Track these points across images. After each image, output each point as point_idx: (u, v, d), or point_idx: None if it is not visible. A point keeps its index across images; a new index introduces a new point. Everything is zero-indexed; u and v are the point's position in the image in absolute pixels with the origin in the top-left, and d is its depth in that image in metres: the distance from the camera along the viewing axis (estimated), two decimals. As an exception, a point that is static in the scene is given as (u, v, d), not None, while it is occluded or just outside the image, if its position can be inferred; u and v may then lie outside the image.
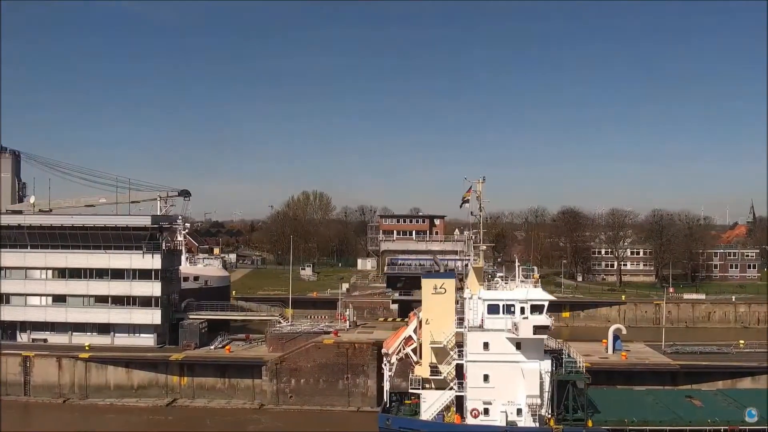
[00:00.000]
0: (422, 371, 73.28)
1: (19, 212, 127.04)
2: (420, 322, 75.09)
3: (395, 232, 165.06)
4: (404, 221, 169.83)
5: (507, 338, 69.44)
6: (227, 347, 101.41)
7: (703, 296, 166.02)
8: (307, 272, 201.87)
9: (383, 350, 77.26)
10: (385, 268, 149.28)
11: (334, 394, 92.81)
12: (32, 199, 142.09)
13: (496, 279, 73.67)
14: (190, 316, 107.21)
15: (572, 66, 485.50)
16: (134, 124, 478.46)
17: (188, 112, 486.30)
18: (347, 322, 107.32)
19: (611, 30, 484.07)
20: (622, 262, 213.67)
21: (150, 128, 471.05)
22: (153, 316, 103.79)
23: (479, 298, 71.30)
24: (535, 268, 77.87)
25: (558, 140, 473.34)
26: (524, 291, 70.66)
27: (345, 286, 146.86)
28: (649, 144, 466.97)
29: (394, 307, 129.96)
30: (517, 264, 73.99)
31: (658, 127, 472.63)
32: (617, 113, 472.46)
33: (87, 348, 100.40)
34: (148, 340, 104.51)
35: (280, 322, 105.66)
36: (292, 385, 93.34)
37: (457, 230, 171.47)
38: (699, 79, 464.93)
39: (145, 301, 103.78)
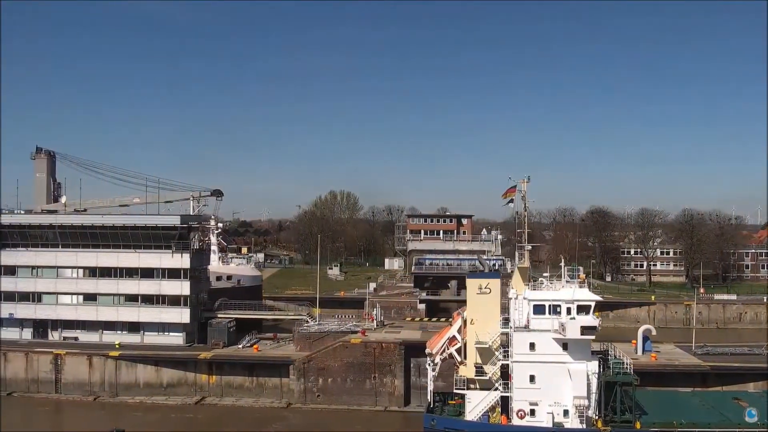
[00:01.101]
0: (467, 371, 72.93)
1: (54, 212, 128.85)
2: (464, 322, 74.84)
3: (422, 231, 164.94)
4: (431, 221, 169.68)
5: (554, 339, 69.06)
6: (255, 346, 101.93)
7: (734, 297, 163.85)
8: (334, 272, 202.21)
9: (427, 350, 76.74)
10: (413, 267, 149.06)
11: (361, 393, 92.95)
12: (63, 199, 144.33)
13: (540, 279, 73.15)
14: (218, 315, 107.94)
15: (604, 65, 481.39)
16: (161, 124, 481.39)
17: (215, 112, 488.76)
18: (374, 321, 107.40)
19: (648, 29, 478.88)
20: (652, 262, 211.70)
21: (177, 128, 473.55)
22: (182, 314, 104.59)
23: (524, 298, 70.95)
24: (581, 268, 76.83)
25: (586, 140, 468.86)
26: (570, 291, 70.09)
27: (372, 285, 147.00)
28: (678, 143, 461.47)
29: (422, 306, 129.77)
30: (562, 264, 72.99)
31: (687, 126, 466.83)
32: (644, 113, 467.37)
33: (117, 346, 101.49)
34: (177, 338, 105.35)
35: (307, 322, 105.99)
36: (319, 384, 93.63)
37: (484, 230, 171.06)
38: (734, 78, 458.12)
39: (174, 300, 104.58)
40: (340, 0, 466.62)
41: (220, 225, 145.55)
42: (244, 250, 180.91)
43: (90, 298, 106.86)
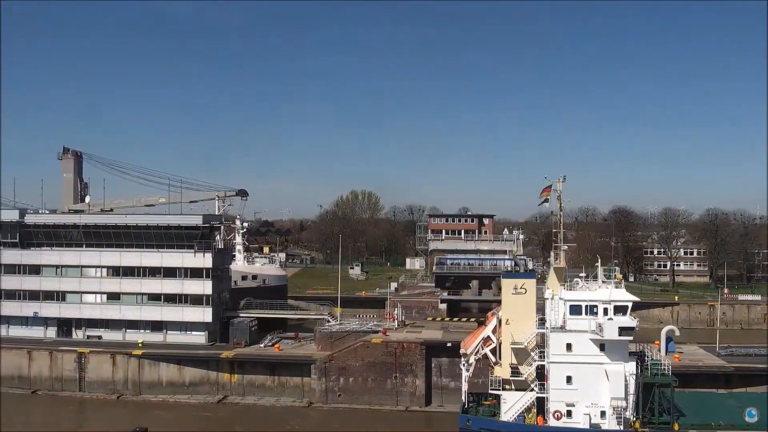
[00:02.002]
0: (502, 372, 72.74)
1: (81, 211, 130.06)
2: (499, 323, 74.60)
3: (444, 231, 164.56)
4: (453, 221, 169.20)
5: (591, 339, 68.73)
6: (276, 345, 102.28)
7: (758, 297, 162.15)
8: (355, 271, 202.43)
9: (461, 350, 76.63)
10: (434, 267, 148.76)
11: (382, 393, 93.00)
12: (88, 199, 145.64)
13: (576, 279, 72.75)
14: (240, 315, 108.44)
15: (625, 63, 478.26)
16: (183, 124, 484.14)
17: (237, 112, 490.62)
18: (396, 321, 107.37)
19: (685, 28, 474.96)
20: (676, 263, 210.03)
21: (199, 129, 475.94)
22: (204, 313, 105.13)
23: (560, 299, 70.64)
24: (617, 268, 76.29)
25: (608, 139, 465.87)
26: (607, 291, 69.74)
27: (393, 285, 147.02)
28: (702, 142, 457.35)
29: (443, 306, 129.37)
30: (599, 264, 72.51)
31: (712, 125, 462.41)
32: (667, 113, 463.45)
33: (140, 345, 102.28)
34: (199, 337, 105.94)
35: (329, 321, 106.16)
36: (340, 383, 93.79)
37: (505, 230, 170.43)
38: (762, 76, 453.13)
39: (197, 300, 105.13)
40: (367, 0, 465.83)
41: (245, 225, 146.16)
42: (266, 249, 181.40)
43: (113, 297, 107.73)
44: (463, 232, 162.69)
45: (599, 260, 73.51)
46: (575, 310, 69.62)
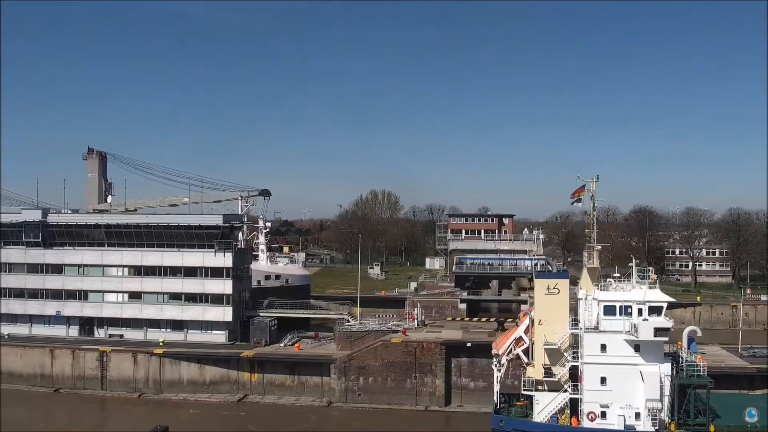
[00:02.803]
0: (535, 373, 72.49)
1: (106, 211, 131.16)
2: (531, 323, 74.42)
3: (464, 231, 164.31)
4: (473, 220, 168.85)
5: (625, 340, 68.37)
6: (296, 345, 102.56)
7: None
8: (375, 271, 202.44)
9: (493, 351, 76.38)
10: (454, 267, 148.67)
11: (401, 392, 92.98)
12: (109, 199, 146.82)
13: (609, 280, 72.33)
14: (260, 314, 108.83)
15: (652, 63, 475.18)
16: (204, 124, 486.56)
17: (259, 111, 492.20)
18: (415, 321, 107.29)
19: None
20: (698, 263, 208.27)
21: (220, 129, 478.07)
22: (224, 313, 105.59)
23: (594, 299, 70.27)
24: (651, 268, 75.94)
25: (630, 138, 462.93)
26: (641, 292, 69.39)
27: (413, 285, 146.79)
28: (726, 141, 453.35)
29: (463, 306, 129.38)
30: (633, 264, 71.94)
31: (734, 124, 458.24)
32: (691, 113, 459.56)
33: (161, 344, 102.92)
34: (219, 336, 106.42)
35: (348, 321, 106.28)
36: (360, 383, 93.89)
37: (525, 229, 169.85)
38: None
39: (217, 299, 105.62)
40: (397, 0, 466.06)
41: (268, 225, 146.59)
42: (286, 249, 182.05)
43: (135, 296, 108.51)
44: (482, 231, 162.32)
45: (633, 260, 72.97)
46: (609, 310, 69.26)
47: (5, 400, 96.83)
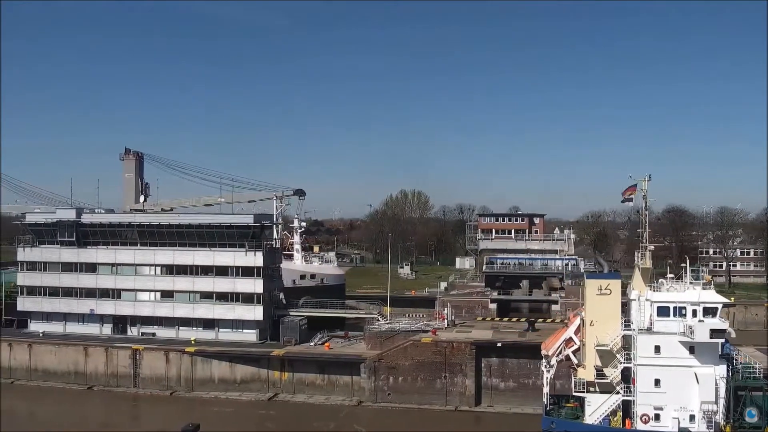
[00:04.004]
0: (586, 374, 71.97)
1: (143, 211, 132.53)
2: (582, 324, 74.01)
3: (494, 230, 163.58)
4: (503, 220, 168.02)
5: (680, 342, 67.71)
6: (326, 344, 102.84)
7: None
8: (405, 270, 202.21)
9: (542, 351, 75.92)
10: (484, 267, 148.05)
11: (431, 392, 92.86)
12: (142, 199, 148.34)
13: (661, 280, 71.68)
14: (291, 313, 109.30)
15: (686, 61, 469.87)
16: (236, 124, 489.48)
17: (286, 112, 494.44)
18: (445, 320, 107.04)
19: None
20: (732, 263, 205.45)
21: (250, 129, 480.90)
22: (255, 312, 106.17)
23: (647, 300, 69.67)
24: (705, 268, 74.97)
25: (661, 138, 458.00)
26: (696, 293, 68.67)
27: (443, 284, 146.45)
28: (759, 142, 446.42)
29: (493, 306, 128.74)
30: (687, 264, 71.25)
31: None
32: (719, 113, 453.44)
33: (193, 342, 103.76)
34: (250, 335, 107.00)
35: (378, 320, 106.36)
36: (390, 382, 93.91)
37: (557, 229, 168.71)
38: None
39: (248, 298, 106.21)
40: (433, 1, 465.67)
41: (303, 224, 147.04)
42: (316, 248, 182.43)
43: (167, 295, 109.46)
44: (513, 231, 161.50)
45: (687, 261, 72.10)
46: (663, 311, 68.64)
47: (40, 398, 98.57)
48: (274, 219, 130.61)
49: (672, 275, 72.24)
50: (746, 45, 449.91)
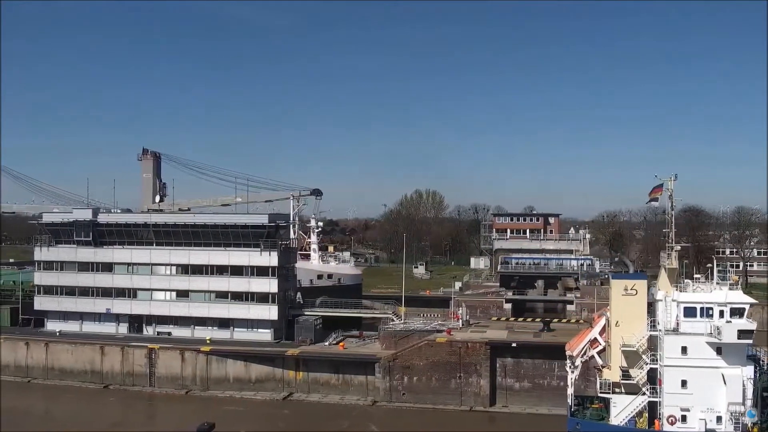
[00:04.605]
0: (611, 375, 71.56)
1: (161, 211, 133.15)
2: (607, 324, 73.63)
3: (509, 230, 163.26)
4: (518, 220, 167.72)
5: (707, 342, 67.14)
6: (341, 344, 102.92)
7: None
8: (419, 270, 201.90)
9: (567, 352, 75.37)
10: (499, 266, 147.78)
11: (446, 392, 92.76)
12: (157, 198, 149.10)
13: (686, 281, 71.09)
14: (305, 313, 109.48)
15: (706, 61, 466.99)
16: (251, 125, 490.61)
17: (303, 112, 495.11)
18: (460, 320, 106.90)
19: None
20: (749, 263, 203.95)
21: (254, 128, 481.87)
22: (270, 311, 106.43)
23: (673, 300, 69.19)
24: (732, 269, 74.44)
25: (681, 137, 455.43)
26: (722, 293, 68.06)
27: (458, 284, 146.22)
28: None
29: (508, 306, 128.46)
30: (714, 265, 70.66)
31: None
32: (743, 111, 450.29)
33: (208, 342, 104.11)
34: (265, 335, 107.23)
35: (393, 320, 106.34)
36: (404, 382, 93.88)
37: (572, 229, 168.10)
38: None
39: (263, 297, 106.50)
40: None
41: (320, 224, 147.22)
42: (331, 248, 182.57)
43: (182, 294, 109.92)
44: (528, 231, 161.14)
45: (714, 261, 71.54)
46: (690, 312, 67.98)
47: (56, 396, 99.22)
48: (291, 219, 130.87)
49: (699, 275, 71.70)
50: (746, 45, 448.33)
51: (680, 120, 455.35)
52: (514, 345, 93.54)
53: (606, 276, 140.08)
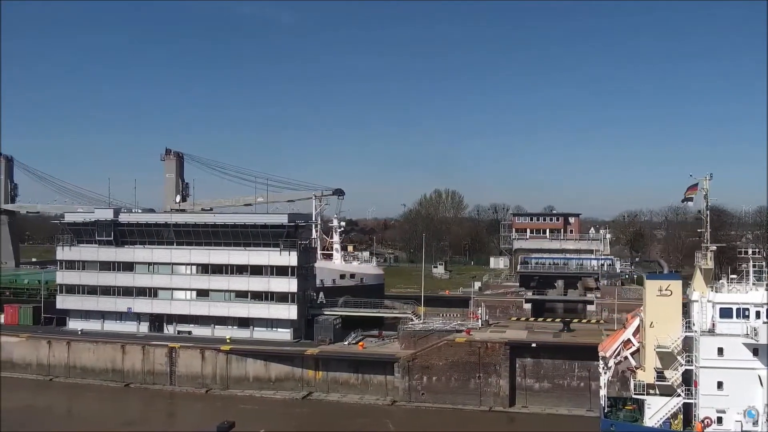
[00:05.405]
0: (645, 376, 71.15)
1: (183, 210, 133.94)
2: (640, 325, 73.29)
3: (528, 230, 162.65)
4: (538, 219, 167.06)
5: (743, 344, 66.65)
6: (360, 343, 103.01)
7: None
8: (439, 270, 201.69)
9: (600, 353, 75.16)
10: (518, 266, 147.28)
11: (465, 392, 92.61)
12: (178, 198, 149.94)
13: (721, 281, 70.74)
14: (325, 312, 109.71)
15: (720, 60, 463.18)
16: (271, 125, 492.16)
17: (321, 113, 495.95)
18: (479, 320, 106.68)
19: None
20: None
21: (283, 128, 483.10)
22: (289, 311, 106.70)
23: (709, 301, 68.70)
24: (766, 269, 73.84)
25: (699, 137, 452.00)
26: (759, 294, 67.58)
27: (477, 284, 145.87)
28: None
29: (527, 306, 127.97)
30: (750, 265, 70.02)
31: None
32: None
33: (228, 341, 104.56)
34: (284, 334, 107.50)
35: (412, 320, 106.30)
36: (424, 382, 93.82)
37: (592, 228, 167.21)
38: None
39: (282, 297, 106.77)
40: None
41: (342, 224, 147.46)
42: (350, 248, 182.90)
43: (203, 294, 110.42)
44: (548, 231, 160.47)
45: (750, 261, 70.97)
46: (726, 313, 67.58)
47: (78, 394, 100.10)
48: (314, 218, 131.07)
49: (734, 276, 71.10)
50: (746, 45, 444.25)
51: (715, 120, 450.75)
52: (533, 345, 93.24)
53: (626, 276, 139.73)
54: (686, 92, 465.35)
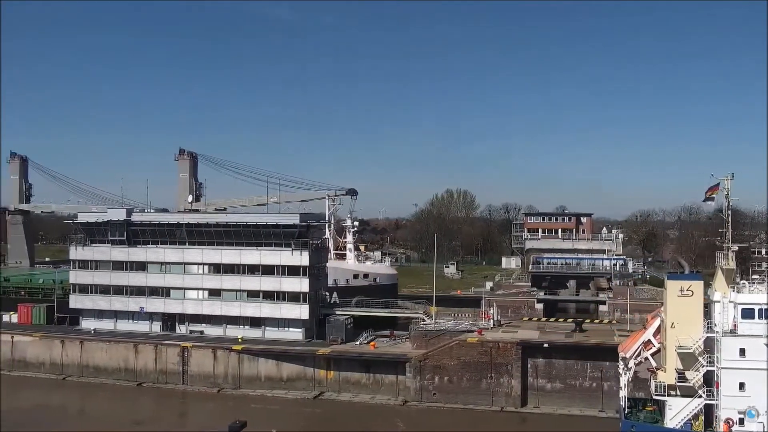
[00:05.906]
0: (666, 377, 70.74)
1: (197, 210, 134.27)
2: (661, 326, 72.98)
3: (540, 230, 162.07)
4: (550, 219, 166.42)
5: (766, 344, 66.31)
6: (372, 343, 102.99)
7: None
8: (450, 270, 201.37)
9: (620, 354, 74.80)
10: (530, 266, 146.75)
11: (477, 392, 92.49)
12: (189, 198, 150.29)
13: (743, 282, 70.38)
14: (336, 312, 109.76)
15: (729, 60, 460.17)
16: (285, 125, 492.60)
17: (335, 113, 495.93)
18: (491, 320, 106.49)
19: None
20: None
21: (296, 129, 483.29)
22: (301, 310, 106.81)
23: (731, 302, 68.34)
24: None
25: (709, 136, 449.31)
26: None
27: (489, 284, 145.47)
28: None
29: (539, 306, 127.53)
30: None
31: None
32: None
33: (240, 340, 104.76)
34: (296, 334, 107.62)
35: (424, 320, 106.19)
36: (435, 382, 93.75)
37: (604, 228, 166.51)
38: None
39: (294, 297, 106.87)
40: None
41: (355, 224, 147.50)
42: (362, 248, 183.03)
43: (215, 293, 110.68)
44: (560, 231, 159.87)
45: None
46: (748, 313, 67.21)
47: (91, 393, 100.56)
48: (327, 218, 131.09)
49: (756, 276, 70.64)
50: (746, 45, 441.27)
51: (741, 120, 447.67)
52: (545, 345, 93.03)
53: (639, 276, 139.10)
54: (686, 92, 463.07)
